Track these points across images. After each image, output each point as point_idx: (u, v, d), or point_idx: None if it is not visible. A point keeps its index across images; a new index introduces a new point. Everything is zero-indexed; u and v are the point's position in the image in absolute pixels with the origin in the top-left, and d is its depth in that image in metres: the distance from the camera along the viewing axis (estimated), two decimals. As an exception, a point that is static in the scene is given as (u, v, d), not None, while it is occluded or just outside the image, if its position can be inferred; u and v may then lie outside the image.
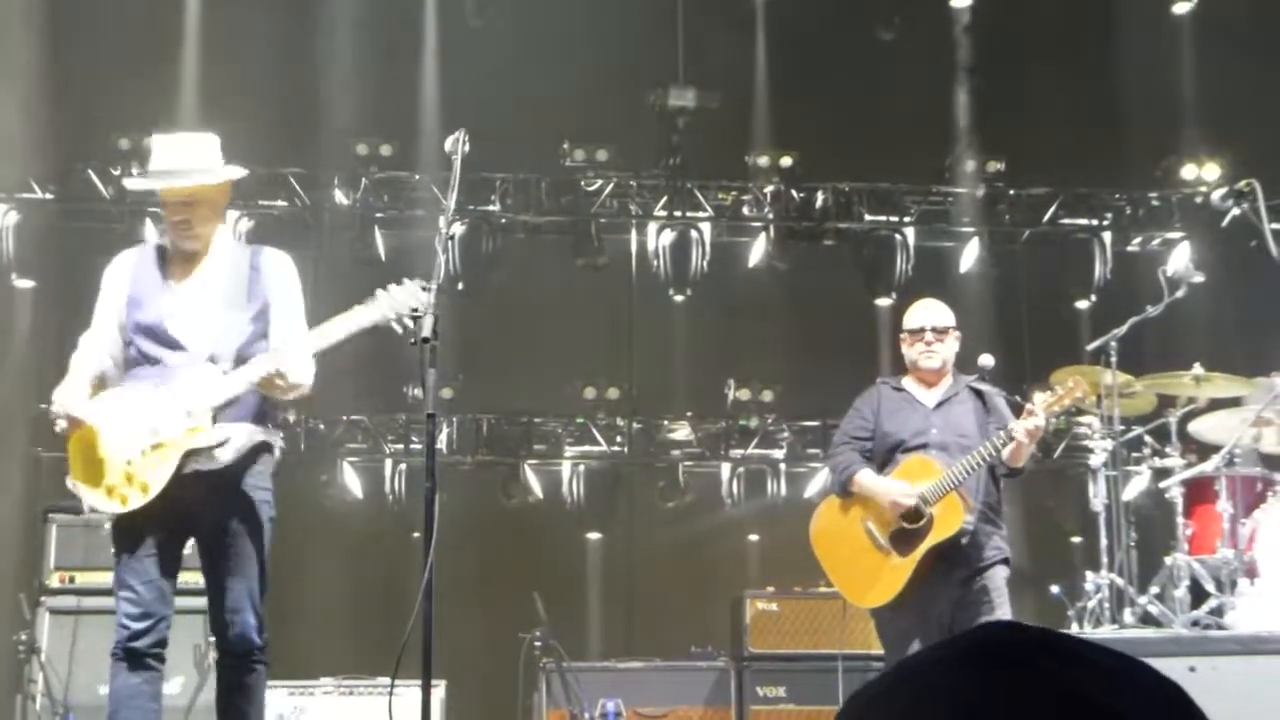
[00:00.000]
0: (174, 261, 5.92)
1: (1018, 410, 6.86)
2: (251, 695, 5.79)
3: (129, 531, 5.72)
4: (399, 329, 5.45)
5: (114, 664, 5.72)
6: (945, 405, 7.05)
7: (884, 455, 7.03)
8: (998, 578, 6.83)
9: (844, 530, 7.00)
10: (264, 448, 5.82)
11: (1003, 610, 6.71)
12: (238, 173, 6.03)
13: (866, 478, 6.95)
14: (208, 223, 5.88)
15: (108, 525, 5.79)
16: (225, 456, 5.66)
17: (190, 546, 5.86)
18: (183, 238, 5.85)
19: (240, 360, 5.68)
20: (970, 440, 6.87)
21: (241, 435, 5.70)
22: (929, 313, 7.17)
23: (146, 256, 5.99)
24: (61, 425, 5.62)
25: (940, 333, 7.10)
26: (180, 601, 5.90)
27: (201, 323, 5.75)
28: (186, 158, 5.85)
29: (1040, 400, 6.76)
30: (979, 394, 7.07)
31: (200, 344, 5.71)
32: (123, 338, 5.83)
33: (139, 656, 5.69)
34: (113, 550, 5.74)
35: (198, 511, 5.68)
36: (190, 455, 5.60)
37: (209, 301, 5.81)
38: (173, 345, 5.72)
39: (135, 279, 5.89)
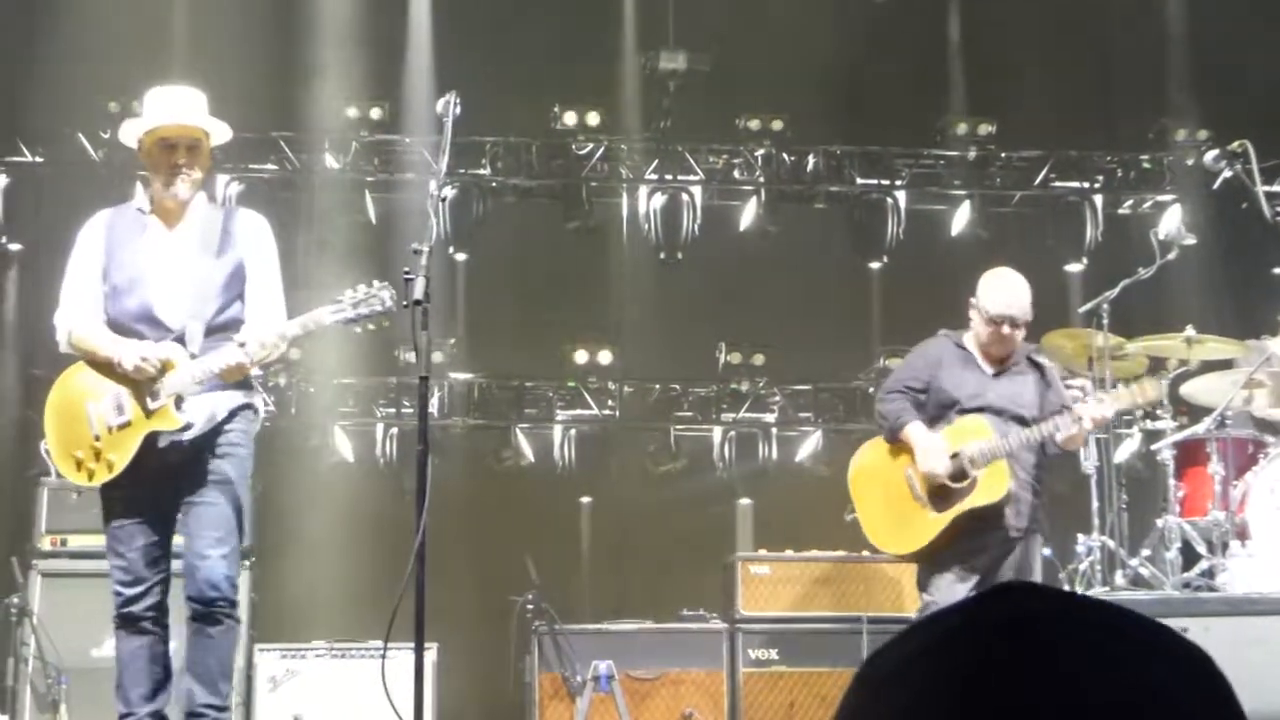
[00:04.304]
0: (151, 224, 5.89)
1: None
2: (216, 648, 5.73)
3: (116, 499, 5.76)
4: (358, 330, 5.50)
5: (115, 631, 5.78)
6: (1005, 374, 7.03)
7: (937, 410, 7.00)
8: (1034, 547, 6.91)
9: (885, 473, 7.02)
10: (243, 409, 5.83)
11: (1035, 579, 6.75)
12: (228, 132, 6.06)
13: (916, 431, 6.93)
14: (201, 170, 5.87)
15: (96, 487, 5.80)
16: (196, 431, 5.68)
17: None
18: (179, 181, 5.78)
19: (213, 327, 5.69)
20: (1028, 410, 6.86)
21: (205, 408, 5.70)
22: (1014, 303, 6.98)
23: (124, 216, 5.96)
24: (149, 366, 5.61)
25: (1019, 326, 7.00)
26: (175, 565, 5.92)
27: (174, 288, 5.74)
28: (188, 105, 5.86)
29: (1111, 393, 6.80)
30: (1038, 366, 7.06)
31: (172, 312, 5.69)
32: (105, 300, 5.82)
33: (135, 621, 5.74)
34: (103, 518, 5.78)
35: (176, 474, 5.71)
36: (155, 434, 5.62)
37: (182, 264, 5.78)
38: (147, 316, 5.73)
39: (110, 240, 5.86)
